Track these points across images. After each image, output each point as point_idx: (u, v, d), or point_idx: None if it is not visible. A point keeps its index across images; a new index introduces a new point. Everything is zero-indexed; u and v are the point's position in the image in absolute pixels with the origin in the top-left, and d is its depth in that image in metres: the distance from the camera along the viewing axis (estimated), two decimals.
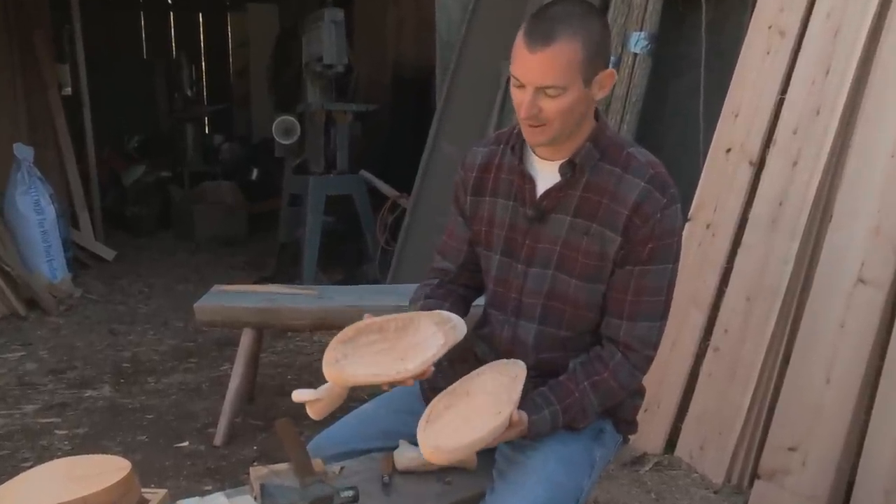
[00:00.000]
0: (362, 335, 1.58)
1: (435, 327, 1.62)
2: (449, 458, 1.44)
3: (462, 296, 1.88)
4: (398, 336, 1.60)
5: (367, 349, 1.56)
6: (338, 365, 1.50)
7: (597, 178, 1.62)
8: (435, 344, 1.58)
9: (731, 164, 3.12)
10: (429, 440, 1.44)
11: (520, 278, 1.71)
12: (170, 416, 3.62)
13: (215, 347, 4.66)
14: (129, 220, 8.37)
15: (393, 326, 1.61)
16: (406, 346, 1.59)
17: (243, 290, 3.54)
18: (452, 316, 1.67)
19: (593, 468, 1.70)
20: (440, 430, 1.48)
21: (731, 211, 3.07)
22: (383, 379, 1.50)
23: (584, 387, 1.64)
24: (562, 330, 1.70)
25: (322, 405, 1.56)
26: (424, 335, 1.61)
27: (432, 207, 4.87)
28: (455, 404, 1.55)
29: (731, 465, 2.89)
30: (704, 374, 3.06)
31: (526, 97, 1.52)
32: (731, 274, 3.03)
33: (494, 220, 1.75)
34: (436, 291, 1.85)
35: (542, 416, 1.60)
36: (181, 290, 6.11)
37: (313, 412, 1.56)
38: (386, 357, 1.55)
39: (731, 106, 3.18)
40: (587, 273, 1.63)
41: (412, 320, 1.63)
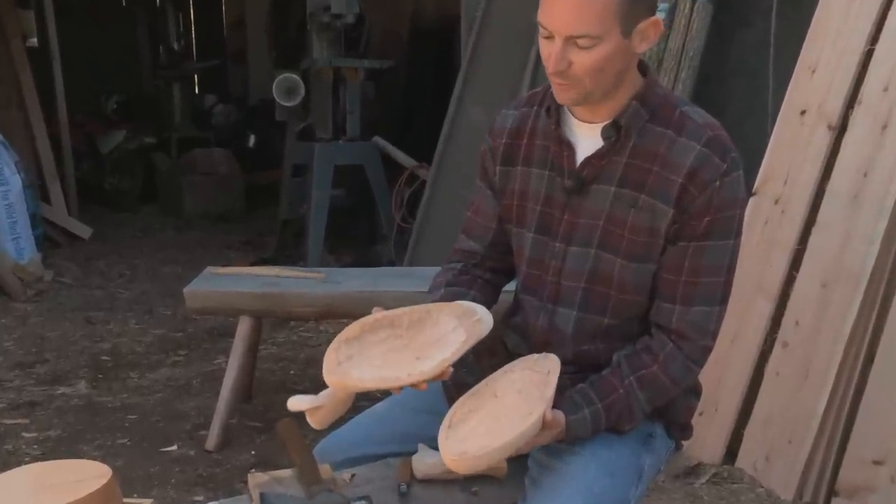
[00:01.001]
0: (371, 332, 1.59)
1: (456, 321, 1.63)
2: (474, 465, 1.46)
3: (489, 281, 1.89)
4: (413, 332, 1.61)
5: (376, 348, 1.58)
6: (340, 369, 1.51)
7: (645, 142, 1.62)
8: (455, 340, 1.59)
9: (805, 129, 3.09)
10: (452, 446, 1.46)
11: (557, 259, 1.72)
12: (155, 417, 3.67)
13: (208, 338, 4.72)
14: (108, 193, 8.46)
15: (406, 321, 1.62)
16: (422, 344, 1.60)
17: (240, 273, 3.58)
18: (477, 307, 1.68)
19: (641, 478, 1.71)
20: (464, 436, 1.49)
21: (805, 183, 3.05)
22: (393, 383, 1.51)
23: (631, 382, 1.65)
24: (605, 317, 1.70)
25: (324, 413, 1.58)
26: (444, 330, 1.62)
27: (456, 179, 4.88)
28: (480, 407, 1.56)
29: (802, 480, 2.89)
30: (771, 372, 3.06)
31: (554, 49, 1.52)
32: (803, 256, 3.02)
33: (528, 193, 1.76)
34: (459, 278, 1.86)
35: (581, 416, 1.62)
36: (168, 273, 6.17)
37: (314, 421, 1.58)
38: (398, 356, 1.56)
39: (807, 60, 3.15)
40: (635, 251, 1.64)
41: (429, 313, 1.64)
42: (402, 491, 1.69)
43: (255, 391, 3.88)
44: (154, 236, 7.45)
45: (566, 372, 1.67)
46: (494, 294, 1.90)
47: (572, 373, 1.70)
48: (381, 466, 1.79)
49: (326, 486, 1.61)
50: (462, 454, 1.44)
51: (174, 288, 5.47)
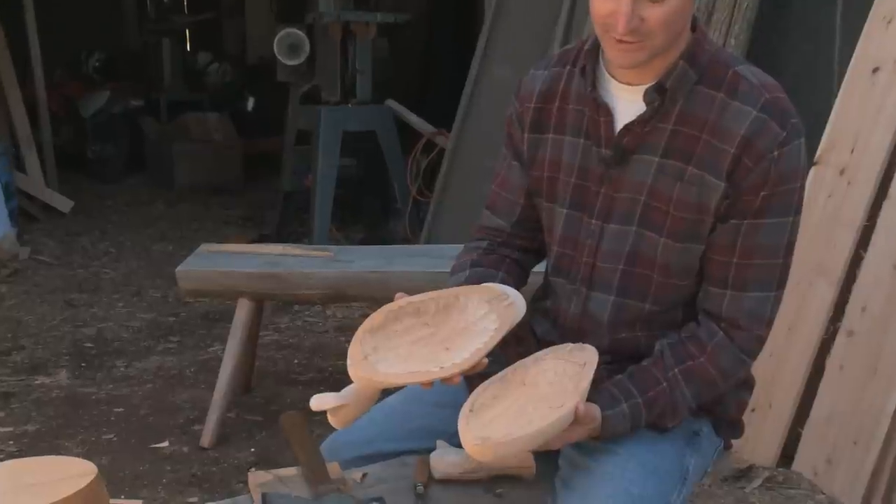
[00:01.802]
0: (395, 320, 1.60)
1: (486, 306, 1.63)
2: (499, 454, 1.47)
3: (518, 261, 1.89)
4: (440, 319, 1.62)
5: (401, 338, 1.59)
6: (367, 363, 1.53)
7: (693, 107, 1.61)
8: (488, 327, 1.60)
9: (878, 89, 3.07)
10: (474, 430, 1.47)
11: (593, 237, 1.72)
12: (145, 410, 3.71)
13: (202, 323, 4.76)
14: (90, 162, 8.51)
15: (433, 307, 1.63)
16: (450, 332, 1.61)
17: (238, 251, 3.61)
18: (508, 290, 1.68)
19: (685, 480, 1.71)
20: (488, 421, 1.51)
21: (876, 151, 3.03)
22: (425, 378, 1.52)
23: (675, 375, 1.66)
24: (646, 303, 1.71)
25: (347, 411, 1.59)
26: (473, 317, 1.63)
27: (479, 148, 4.88)
28: (506, 394, 1.57)
29: (870, 486, 2.88)
30: (833, 365, 3.05)
31: (621, 5, 1.52)
32: (871, 234, 3.01)
33: (560, 164, 1.76)
34: (485, 257, 1.86)
35: (618, 411, 1.62)
36: (158, 252, 6.22)
37: (336, 420, 1.60)
38: (426, 347, 1.58)
39: (881, 9, 3.11)
40: (680, 229, 1.64)
41: (457, 298, 1.65)
42: (418, 492, 1.70)
43: (256, 382, 3.92)
44: (142, 210, 7.49)
45: (602, 362, 1.67)
46: (524, 275, 1.91)
47: (608, 363, 1.71)
48: (395, 465, 1.80)
49: (335, 487, 1.63)
50: (485, 440, 1.45)
51: (165, 267, 5.51)
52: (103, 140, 8.51)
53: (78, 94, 8.81)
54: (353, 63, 5.81)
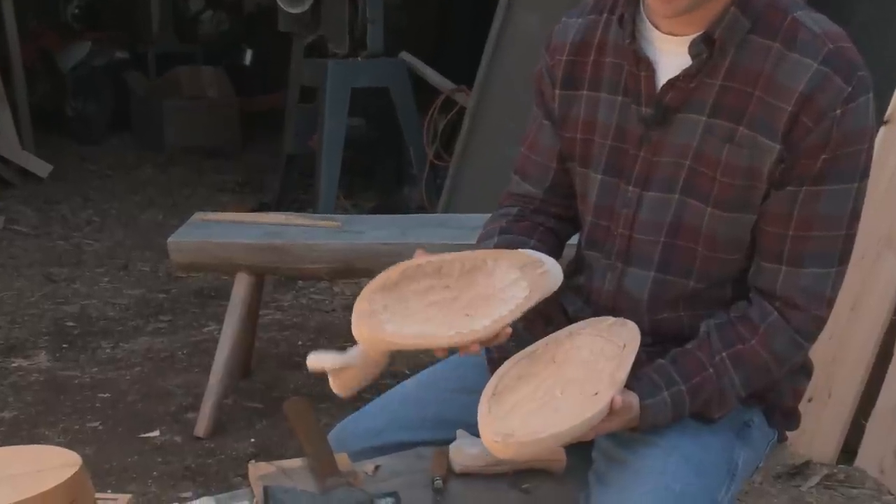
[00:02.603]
0: (412, 279, 1.60)
1: (518, 272, 1.63)
2: (522, 452, 1.47)
3: (552, 230, 1.90)
4: (464, 283, 1.62)
5: (417, 300, 1.59)
6: (374, 320, 1.52)
7: (746, 60, 1.60)
8: (516, 295, 1.60)
9: None
10: (495, 424, 1.47)
11: (630, 206, 1.72)
12: (133, 396, 3.74)
13: (196, 301, 4.78)
14: (71, 122, 8.51)
15: (457, 269, 1.63)
16: (474, 298, 1.60)
17: (235, 221, 3.62)
18: (544, 258, 1.68)
19: (733, 476, 1.72)
20: (511, 409, 1.51)
21: None
22: (437, 342, 1.52)
23: (723, 359, 1.65)
24: (690, 279, 1.71)
25: (350, 376, 1.59)
26: (502, 283, 1.63)
27: (504, 106, 4.86)
28: (534, 373, 1.58)
29: None
30: None
31: None
32: None
33: (595, 124, 1.75)
34: (515, 225, 1.87)
35: (659, 399, 1.63)
36: (147, 221, 6.23)
37: (338, 385, 1.61)
38: (444, 312, 1.57)
39: None
40: (729, 197, 1.63)
41: (485, 261, 1.65)
42: (436, 486, 1.71)
43: (255, 365, 3.94)
44: (128, 175, 7.50)
45: (641, 345, 1.67)
46: (559, 245, 1.92)
47: (648, 346, 1.71)
48: (410, 457, 1.81)
49: (344, 480, 1.64)
50: (507, 436, 1.45)
51: (154, 238, 5.52)
52: (84, 97, 8.51)
53: (55, 45, 8.79)
54: (363, 11, 5.78)
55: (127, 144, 8.42)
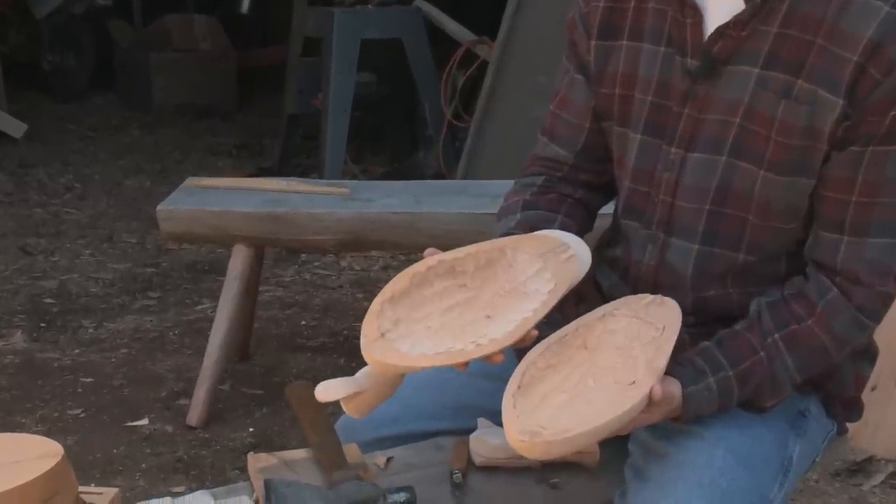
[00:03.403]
0: (423, 285, 1.59)
1: (539, 261, 1.63)
2: (553, 451, 1.47)
3: (582, 201, 1.89)
4: (482, 279, 1.62)
5: (432, 306, 1.58)
6: (384, 343, 1.51)
7: (805, 4, 1.59)
8: (540, 289, 1.60)
9: None
10: (521, 420, 1.47)
11: (672, 170, 1.71)
12: (119, 380, 3.75)
13: (189, 276, 4.79)
14: (48, 76, 8.50)
15: (472, 265, 1.62)
16: (494, 295, 1.60)
17: (232, 187, 3.62)
18: (569, 238, 1.68)
19: (787, 472, 1.72)
20: (538, 403, 1.51)
21: None
22: (457, 359, 1.51)
23: (775, 341, 1.65)
24: (739, 252, 1.70)
25: (364, 400, 1.60)
26: (523, 274, 1.62)
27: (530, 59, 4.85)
28: (564, 361, 1.57)
29: None
30: None
31: None
32: None
33: (634, 79, 1.74)
34: (540, 197, 1.86)
35: (703, 386, 1.62)
36: (133, 188, 6.24)
37: (352, 409, 1.60)
38: (463, 316, 1.57)
39: None
40: (784, 159, 1.62)
41: (503, 252, 1.64)
42: (455, 481, 1.72)
43: (254, 348, 3.96)
44: (112, 136, 7.52)
45: (684, 325, 1.67)
46: (589, 218, 1.91)
47: (692, 326, 1.71)
48: (427, 448, 1.82)
49: (353, 473, 1.64)
50: (534, 435, 1.44)
51: (142, 207, 5.54)
52: (62, 48, 8.49)
53: None
54: None
55: (111, 102, 8.43)
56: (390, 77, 6.12)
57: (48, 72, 8.49)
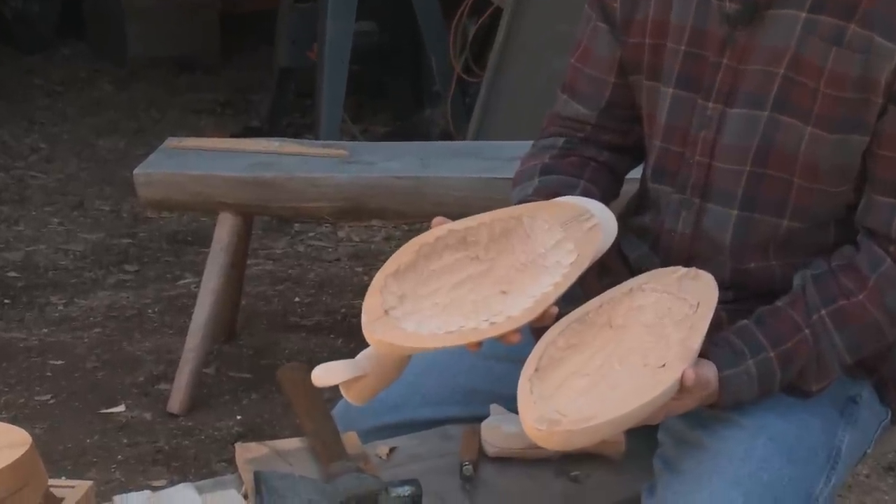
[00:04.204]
0: (431, 257, 1.60)
1: (560, 230, 1.63)
2: (574, 442, 1.47)
3: (607, 165, 1.89)
4: (496, 251, 1.62)
5: (440, 280, 1.59)
6: (388, 321, 1.51)
7: None
8: (561, 261, 1.60)
9: None
10: (539, 407, 1.47)
11: (709, 127, 1.71)
12: (92, 363, 3.76)
13: (169, 248, 4.78)
14: (9, 24, 8.48)
15: (485, 235, 1.63)
16: (510, 269, 1.61)
17: (216, 149, 3.63)
18: (592, 205, 1.68)
19: (835, 464, 1.72)
20: (558, 391, 1.51)
21: None
22: (468, 338, 1.52)
23: (822, 318, 1.65)
24: (782, 219, 1.70)
25: (365, 385, 1.61)
26: (543, 245, 1.63)
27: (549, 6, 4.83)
28: (587, 342, 1.58)
29: None
30: None
31: None
32: None
33: (666, 27, 1.74)
34: (560, 161, 1.87)
35: (742, 369, 1.62)
36: (106, 149, 6.21)
37: (352, 395, 1.61)
38: (475, 291, 1.58)
39: None
40: (835, 115, 1.62)
41: (519, 221, 1.65)
42: (465, 473, 1.72)
43: (242, 327, 3.96)
44: (83, 92, 7.47)
45: (721, 301, 1.67)
46: (615, 183, 1.92)
47: (730, 302, 1.71)
48: (434, 438, 1.83)
49: (353, 465, 1.65)
50: (553, 423, 1.45)
51: (116, 171, 5.52)
52: None
53: None
54: None
55: (80, 53, 8.37)
56: (393, 26, 6.09)
57: (10, 19, 8.45)
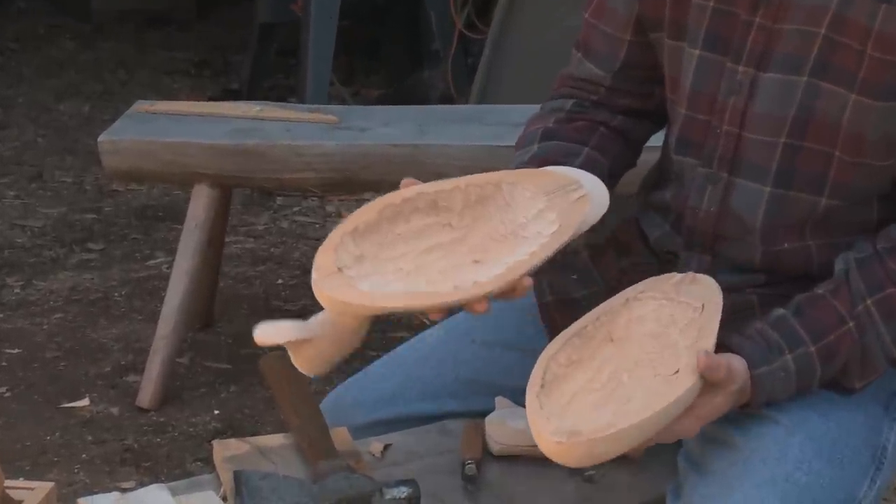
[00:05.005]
0: (396, 219, 1.61)
1: (544, 199, 1.63)
2: (597, 453, 1.47)
3: (620, 131, 1.90)
4: (472, 218, 1.63)
5: (406, 246, 1.60)
6: (342, 278, 1.53)
7: None
8: (542, 231, 1.60)
9: None
10: (553, 421, 1.48)
11: (741, 94, 1.71)
12: (53, 352, 3.77)
13: (138, 224, 4.78)
14: None
15: (460, 201, 1.63)
16: (486, 238, 1.61)
17: (191, 114, 3.62)
18: (584, 176, 1.68)
19: (880, 465, 1.72)
20: (569, 405, 1.52)
21: None
22: (430, 301, 1.53)
23: (867, 308, 1.65)
24: (821, 196, 1.70)
25: (317, 350, 1.61)
26: (524, 215, 1.63)
27: None
28: (587, 358, 1.58)
29: None
30: None
31: None
32: None
33: None
34: (566, 125, 1.87)
35: (779, 365, 1.62)
36: (68, 114, 6.20)
37: (302, 362, 1.61)
38: (446, 259, 1.58)
39: None
40: (883, 80, 1.62)
41: (498, 188, 1.65)
42: (468, 473, 1.73)
43: (220, 312, 3.97)
44: (41, 50, 7.47)
45: (752, 284, 1.68)
46: (628, 150, 1.92)
47: (762, 286, 1.73)
48: (432, 433, 1.84)
49: (343, 463, 1.66)
50: (574, 434, 1.46)
51: (79, 138, 5.52)
52: None
53: None
54: None
55: (38, 7, 8.35)
56: None
57: None
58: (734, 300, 1.69)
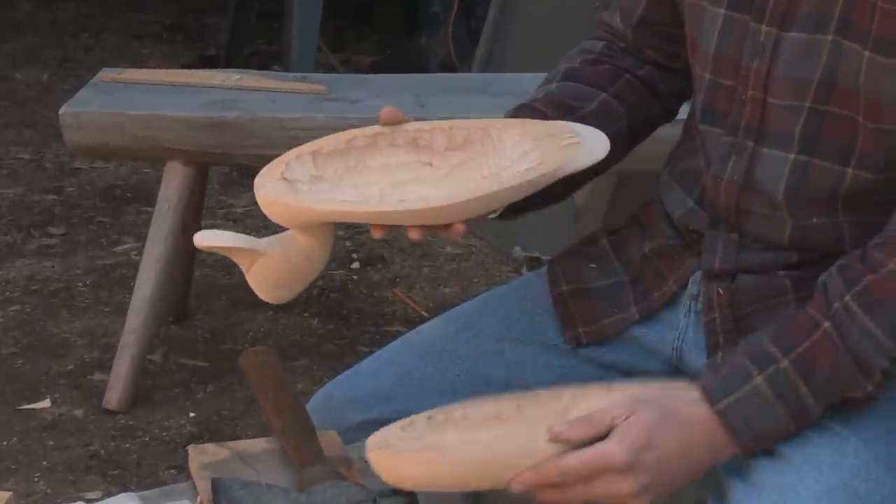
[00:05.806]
0: (369, 150, 1.65)
1: (531, 143, 1.66)
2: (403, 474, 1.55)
3: (645, 81, 1.93)
4: (456, 159, 1.67)
5: (376, 174, 1.64)
6: (286, 184, 1.58)
7: None
8: (518, 165, 1.63)
9: None
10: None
11: (763, 56, 1.72)
12: (9, 348, 3.79)
13: (104, 206, 4.80)
14: None
15: (443, 142, 1.67)
16: (466, 171, 1.66)
17: (163, 83, 3.63)
18: (583, 129, 1.70)
19: None
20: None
21: None
22: (370, 211, 1.56)
23: (845, 305, 1.61)
24: (847, 165, 1.70)
25: (267, 265, 1.65)
26: (509, 158, 1.66)
27: None
28: None
29: None
30: None
31: None
32: None
33: None
34: (589, 68, 1.91)
35: (749, 391, 1.59)
36: (25, 83, 6.22)
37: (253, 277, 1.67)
38: (417, 185, 1.63)
39: None
40: (891, 34, 1.61)
41: (486, 132, 1.68)
42: None
43: (196, 304, 3.99)
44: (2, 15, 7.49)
45: (784, 265, 1.70)
46: (654, 100, 1.95)
47: (794, 266, 1.74)
48: None
49: (332, 470, 1.66)
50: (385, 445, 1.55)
51: (38, 110, 5.53)
52: None
53: None
54: None
55: None
56: None
57: None
58: (765, 285, 1.72)
